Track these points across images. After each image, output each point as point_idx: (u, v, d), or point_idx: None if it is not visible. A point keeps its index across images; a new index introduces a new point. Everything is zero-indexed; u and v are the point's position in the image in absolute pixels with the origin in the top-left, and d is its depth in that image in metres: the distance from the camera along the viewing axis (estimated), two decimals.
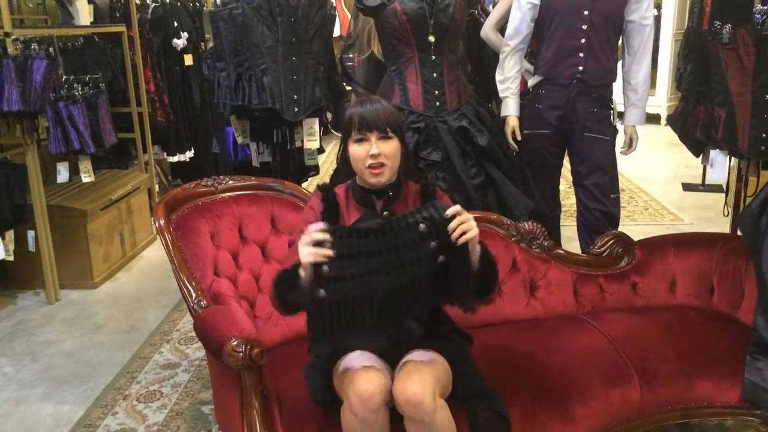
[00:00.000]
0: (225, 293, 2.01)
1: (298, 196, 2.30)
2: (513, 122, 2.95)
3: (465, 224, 1.62)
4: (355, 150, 1.74)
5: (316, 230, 1.60)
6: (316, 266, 1.59)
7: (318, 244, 1.58)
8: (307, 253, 1.58)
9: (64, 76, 3.62)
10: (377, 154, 1.72)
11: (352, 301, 1.59)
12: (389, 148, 1.74)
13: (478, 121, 2.81)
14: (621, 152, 3.04)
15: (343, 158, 1.83)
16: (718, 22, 2.72)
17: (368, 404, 1.59)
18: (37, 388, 2.80)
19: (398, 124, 1.78)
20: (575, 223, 3.09)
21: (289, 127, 3.12)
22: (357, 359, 1.68)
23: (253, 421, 1.70)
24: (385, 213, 1.79)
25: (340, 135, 1.93)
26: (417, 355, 1.70)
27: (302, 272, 1.63)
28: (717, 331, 2.15)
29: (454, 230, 1.60)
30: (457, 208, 1.64)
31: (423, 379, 1.61)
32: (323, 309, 1.60)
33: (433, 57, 2.75)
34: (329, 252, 1.57)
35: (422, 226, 1.62)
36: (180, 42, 4.79)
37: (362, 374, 1.62)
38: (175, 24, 4.78)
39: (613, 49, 2.88)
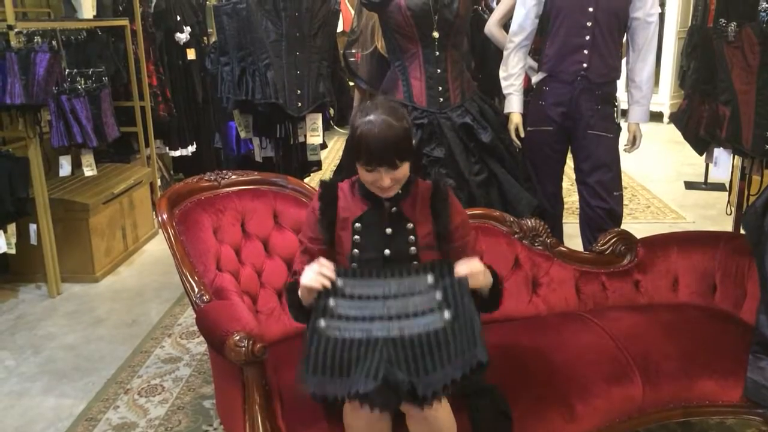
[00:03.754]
0: (227, 288, 2.01)
1: (301, 192, 2.30)
2: (516, 119, 2.94)
3: (477, 272, 1.66)
4: (364, 174, 1.70)
5: (325, 268, 1.64)
6: (322, 299, 1.62)
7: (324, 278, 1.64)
8: (308, 279, 1.64)
9: (67, 70, 3.62)
10: (387, 187, 1.70)
11: (344, 341, 1.59)
12: (399, 174, 1.69)
13: (481, 118, 2.81)
14: (624, 150, 3.03)
15: (348, 156, 1.80)
16: (723, 20, 2.71)
17: None
18: (39, 381, 2.80)
19: (408, 147, 1.69)
20: (578, 221, 3.09)
21: (293, 122, 3.11)
22: None
23: (255, 416, 1.70)
24: (393, 209, 1.77)
25: (342, 131, 1.92)
26: None
27: (300, 291, 1.68)
28: (719, 329, 2.15)
29: (462, 285, 1.64)
30: (464, 270, 1.66)
31: None
32: (319, 340, 1.58)
33: (437, 53, 2.75)
34: (331, 277, 1.63)
35: (430, 277, 1.66)
36: (183, 36, 4.78)
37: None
38: (178, 18, 4.77)
39: (617, 46, 2.87)
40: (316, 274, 1.64)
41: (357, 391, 1.50)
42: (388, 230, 1.76)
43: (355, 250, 1.75)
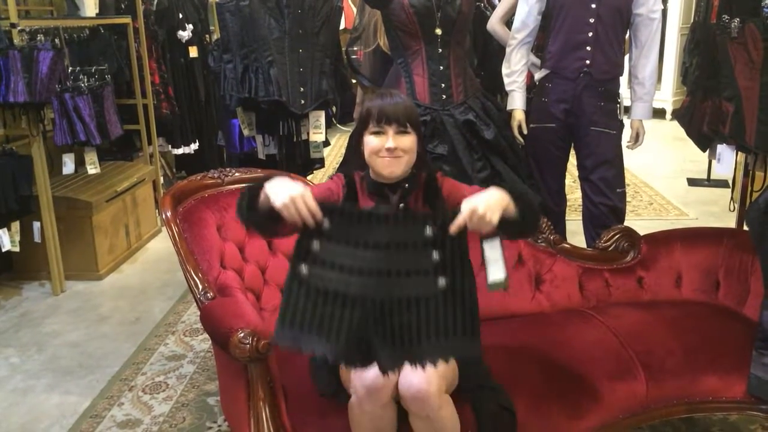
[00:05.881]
0: (231, 285, 2.01)
1: None
2: (519, 116, 2.94)
3: (479, 218, 1.48)
4: (371, 141, 1.69)
5: (310, 199, 1.49)
6: (305, 239, 1.50)
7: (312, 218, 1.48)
8: (284, 196, 1.47)
9: (70, 68, 3.62)
10: (393, 148, 1.67)
11: (326, 293, 1.46)
12: (406, 142, 1.69)
13: (484, 115, 2.81)
14: (627, 146, 3.03)
15: (355, 150, 1.79)
16: (726, 16, 2.71)
17: (376, 399, 1.59)
18: (43, 378, 2.81)
19: (417, 119, 1.73)
20: (581, 218, 3.09)
21: (296, 120, 3.12)
22: None
23: (259, 413, 1.70)
24: (401, 205, 1.74)
25: (345, 128, 1.92)
26: None
27: (262, 198, 1.54)
28: (722, 326, 2.15)
29: (462, 248, 1.50)
30: (465, 215, 1.50)
31: (429, 375, 1.60)
32: (299, 289, 1.48)
33: (440, 50, 2.74)
34: (313, 207, 1.46)
35: (428, 229, 1.50)
36: (185, 34, 4.78)
37: (370, 369, 1.61)
38: (180, 16, 4.77)
39: (620, 43, 2.86)
40: (298, 201, 1.48)
41: (327, 353, 1.44)
42: None
43: None
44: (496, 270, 1.53)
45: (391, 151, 1.68)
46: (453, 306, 1.50)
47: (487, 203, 1.50)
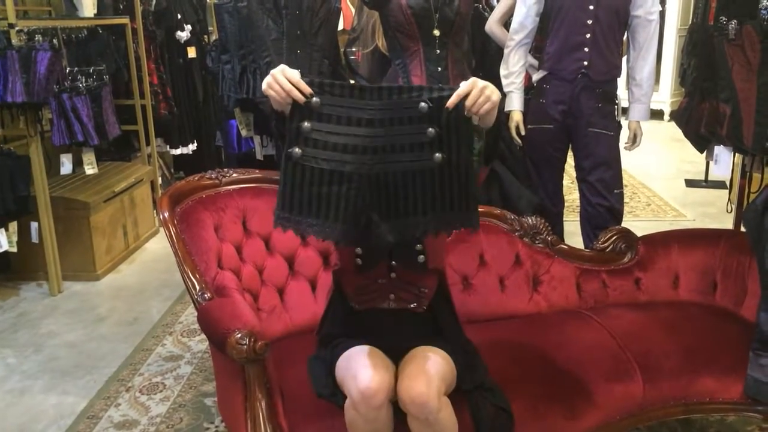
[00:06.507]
0: (229, 286, 2.01)
1: None
2: (517, 117, 2.94)
3: (479, 98, 1.44)
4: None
5: (296, 76, 1.46)
6: (296, 120, 1.46)
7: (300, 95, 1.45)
8: (268, 84, 1.46)
9: (68, 68, 3.62)
10: None
11: (321, 173, 1.44)
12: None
13: None
14: (625, 148, 3.03)
15: None
16: (723, 18, 2.71)
17: (371, 401, 1.58)
18: (41, 379, 2.81)
19: None
20: (578, 219, 3.10)
21: None
22: (360, 354, 1.68)
23: (256, 414, 1.70)
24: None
25: None
26: (421, 351, 1.70)
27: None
28: (720, 327, 2.15)
29: (460, 123, 1.45)
30: (464, 88, 1.45)
31: (428, 378, 1.60)
32: (294, 171, 1.46)
33: (438, 51, 2.75)
34: (295, 78, 1.43)
35: (423, 104, 1.44)
36: (183, 34, 4.78)
37: (365, 371, 1.61)
38: (179, 16, 4.77)
39: (618, 45, 2.87)
40: (278, 76, 1.45)
41: (328, 236, 1.44)
42: None
43: (358, 249, 1.75)
44: None
45: None
46: (450, 180, 1.47)
47: (487, 84, 1.47)
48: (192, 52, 4.89)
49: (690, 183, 5.38)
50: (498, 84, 3.04)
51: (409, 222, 1.46)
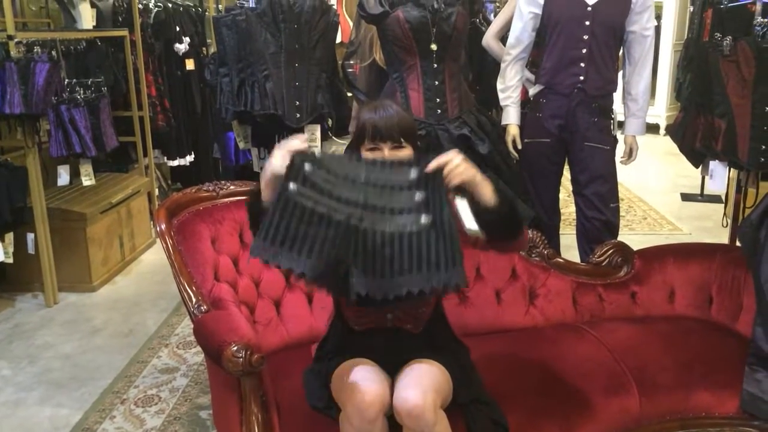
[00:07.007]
0: (225, 298, 2.01)
1: None
2: (514, 131, 2.96)
3: (452, 168, 1.56)
4: (368, 157, 1.70)
5: (297, 142, 1.56)
6: (297, 161, 1.51)
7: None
8: (282, 155, 1.53)
9: (66, 80, 3.63)
10: None
11: (312, 213, 1.47)
12: (402, 155, 1.69)
13: (479, 129, 2.82)
14: (621, 162, 3.05)
15: None
16: (718, 34, 2.73)
17: (366, 415, 1.58)
18: (35, 391, 2.79)
19: (412, 130, 1.74)
20: (574, 232, 3.10)
21: (291, 133, 3.12)
22: (355, 367, 1.68)
23: (252, 427, 1.70)
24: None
25: (341, 141, 1.93)
26: (417, 364, 1.70)
27: (264, 188, 1.58)
28: (715, 341, 2.15)
29: (441, 186, 1.55)
30: (443, 158, 1.57)
31: (424, 391, 1.60)
32: (286, 205, 1.48)
33: (435, 65, 2.76)
34: (306, 147, 1.52)
35: (413, 171, 1.56)
36: (182, 47, 4.80)
37: (360, 384, 1.61)
38: (177, 29, 4.79)
39: (613, 59, 2.89)
40: (281, 149, 1.53)
41: (304, 270, 1.45)
42: None
43: None
44: (469, 221, 1.58)
45: None
46: (435, 240, 1.52)
47: (464, 160, 1.59)
48: (190, 65, 4.91)
49: (686, 197, 5.40)
50: (496, 97, 3.06)
51: (394, 283, 1.50)
